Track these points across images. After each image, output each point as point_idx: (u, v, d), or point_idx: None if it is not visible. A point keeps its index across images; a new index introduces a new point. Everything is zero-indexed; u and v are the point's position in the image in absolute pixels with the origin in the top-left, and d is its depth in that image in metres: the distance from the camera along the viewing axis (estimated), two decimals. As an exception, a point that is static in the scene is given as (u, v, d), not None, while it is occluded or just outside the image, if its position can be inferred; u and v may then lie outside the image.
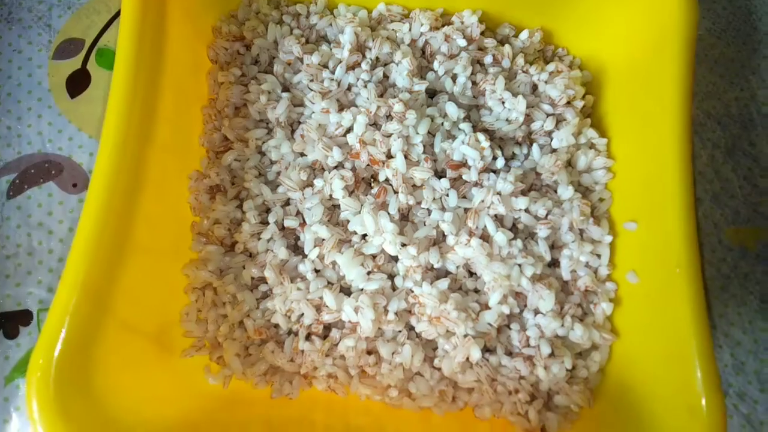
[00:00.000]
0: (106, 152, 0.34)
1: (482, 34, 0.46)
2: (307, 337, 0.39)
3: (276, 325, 0.39)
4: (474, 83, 0.44)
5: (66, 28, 0.51)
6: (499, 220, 0.40)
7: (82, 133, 0.48)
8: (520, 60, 0.45)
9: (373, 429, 0.38)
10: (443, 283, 0.38)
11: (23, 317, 0.44)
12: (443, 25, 0.46)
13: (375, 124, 0.41)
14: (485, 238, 0.39)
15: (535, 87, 0.45)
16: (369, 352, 0.39)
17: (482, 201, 0.40)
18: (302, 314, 0.38)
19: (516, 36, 0.47)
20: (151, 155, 0.37)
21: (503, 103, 0.43)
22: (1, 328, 0.43)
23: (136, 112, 0.35)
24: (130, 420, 0.33)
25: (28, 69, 0.50)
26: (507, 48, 0.45)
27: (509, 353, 0.39)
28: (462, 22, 0.46)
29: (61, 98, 0.49)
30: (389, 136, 0.40)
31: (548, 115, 0.43)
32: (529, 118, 0.43)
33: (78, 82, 0.50)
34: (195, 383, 0.38)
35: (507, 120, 0.43)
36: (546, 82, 0.44)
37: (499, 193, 0.40)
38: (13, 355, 0.43)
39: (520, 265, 0.39)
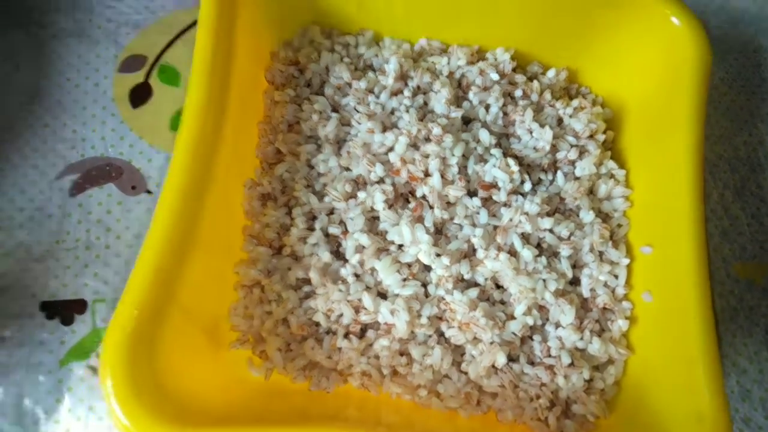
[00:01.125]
0: (181, 158, 0.38)
1: (513, 70, 0.50)
2: (345, 336, 0.42)
3: (317, 323, 0.43)
4: (505, 113, 0.48)
5: (131, 45, 0.56)
6: (525, 238, 0.44)
7: (142, 140, 0.53)
8: (547, 95, 0.49)
9: (403, 426, 0.40)
10: (473, 292, 0.42)
11: (79, 306, 0.47)
12: (478, 60, 0.50)
13: (415, 145, 0.45)
14: (512, 253, 0.43)
15: (560, 120, 0.49)
16: (401, 354, 0.42)
17: (510, 219, 0.43)
18: (341, 314, 0.42)
19: (544, 73, 0.51)
20: (217, 163, 0.40)
21: (531, 132, 0.47)
22: (58, 315, 0.47)
23: (209, 122, 0.39)
24: (183, 401, 0.36)
25: (95, 79, 0.55)
26: (535, 84, 0.49)
27: (531, 362, 0.42)
28: (495, 59, 0.50)
29: (124, 108, 0.54)
30: (427, 156, 0.44)
31: (572, 146, 0.47)
32: (554, 148, 0.47)
33: (140, 94, 0.54)
34: (239, 373, 0.41)
35: (534, 148, 0.47)
36: (570, 116, 0.49)
37: (526, 213, 0.43)
38: (68, 340, 0.46)
39: (544, 280, 0.42)
